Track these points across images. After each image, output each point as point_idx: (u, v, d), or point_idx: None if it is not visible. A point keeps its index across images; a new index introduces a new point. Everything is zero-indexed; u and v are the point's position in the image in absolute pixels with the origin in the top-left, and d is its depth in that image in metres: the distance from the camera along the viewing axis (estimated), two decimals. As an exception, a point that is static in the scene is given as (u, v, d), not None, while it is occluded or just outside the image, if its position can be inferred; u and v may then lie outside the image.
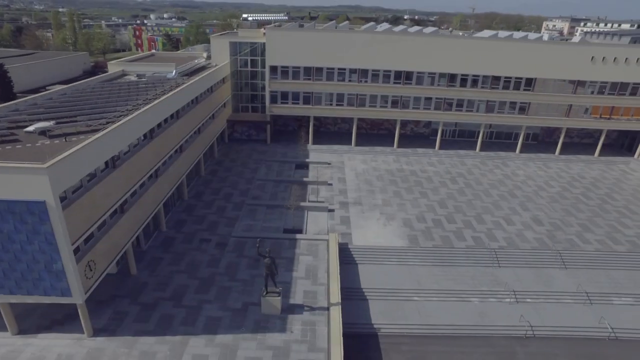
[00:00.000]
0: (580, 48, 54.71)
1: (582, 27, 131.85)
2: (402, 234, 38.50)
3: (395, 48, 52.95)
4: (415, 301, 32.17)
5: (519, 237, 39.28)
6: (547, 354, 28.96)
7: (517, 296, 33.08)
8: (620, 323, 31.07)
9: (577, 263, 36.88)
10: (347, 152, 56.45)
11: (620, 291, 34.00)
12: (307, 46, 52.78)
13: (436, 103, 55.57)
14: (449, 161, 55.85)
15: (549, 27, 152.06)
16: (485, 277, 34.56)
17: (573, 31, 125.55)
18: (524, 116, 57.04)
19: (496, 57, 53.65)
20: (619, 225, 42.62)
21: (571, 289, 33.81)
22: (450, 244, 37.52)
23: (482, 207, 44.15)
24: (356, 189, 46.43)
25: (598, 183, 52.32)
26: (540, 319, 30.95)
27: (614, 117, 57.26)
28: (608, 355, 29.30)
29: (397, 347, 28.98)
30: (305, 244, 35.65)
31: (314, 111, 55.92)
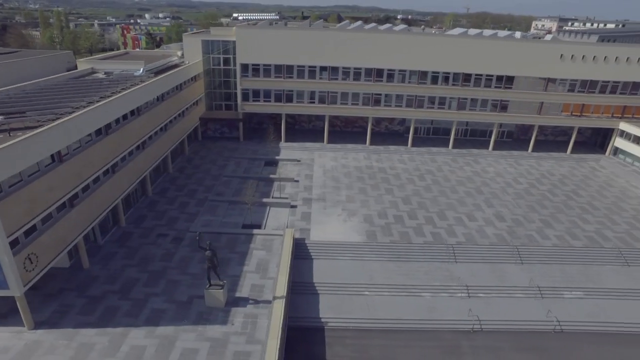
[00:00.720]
0: (549, 46, 54.87)
1: (569, 26, 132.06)
2: (361, 229, 38.77)
3: (366, 46, 53.21)
4: (365, 296, 32.43)
5: (479, 233, 39.52)
6: (491, 347, 29.24)
7: (470, 291, 33.32)
8: (567, 316, 31.38)
9: (533, 258, 37.11)
10: (319, 150, 56.76)
11: (571, 285, 34.20)
12: (278, 44, 52.98)
13: (407, 100, 55.84)
14: (420, 158, 56.19)
15: (537, 26, 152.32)
16: (440, 273, 34.80)
17: (561, 30, 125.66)
18: (495, 113, 57.28)
19: (466, 54, 53.88)
20: (580, 221, 42.85)
21: (524, 284, 34.13)
22: (408, 239, 37.70)
23: (446, 204, 44.40)
24: (322, 186, 46.70)
25: (566, 180, 52.58)
26: (490, 314, 31.18)
27: (585, 114, 57.68)
28: (550, 347, 29.59)
29: (342, 341, 29.25)
30: (261, 239, 35.96)
31: (285, 109, 56.23)
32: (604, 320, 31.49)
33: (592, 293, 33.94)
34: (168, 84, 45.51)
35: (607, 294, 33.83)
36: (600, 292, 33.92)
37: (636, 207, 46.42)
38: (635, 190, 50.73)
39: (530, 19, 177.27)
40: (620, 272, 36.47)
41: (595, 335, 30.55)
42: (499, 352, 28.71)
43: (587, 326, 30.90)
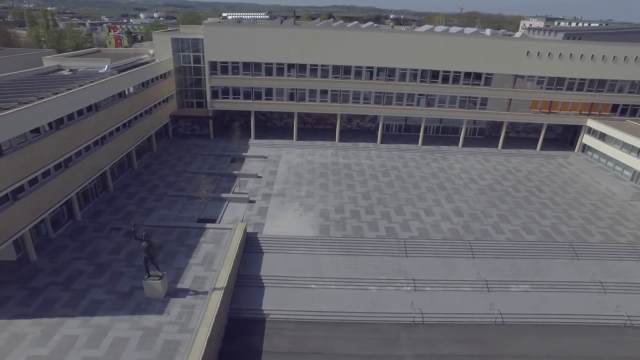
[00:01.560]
0: (515, 43, 55.14)
1: (556, 25, 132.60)
2: (315, 224, 38.98)
3: (333, 43, 53.53)
4: (311, 289, 32.72)
5: (434, 227, 39.76)
6: (429, 340, 29.49)
7: (416, 285, 33.59)
8: (510, 309, 31.60)
9: (485, 253, 37.33)
10: (287, 147, 57.13)
11: (519, 279, 34.43)
12: (245, 42, 53.22)
13: (376, 97, 56.20)
14: (387, 155, 56.49)
15: (525, 25, 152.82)
16: (389, 267, 35.07)
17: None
18: (464, 110, 57.57)
19: (433, 52, 54.16)
20: (538, 216, 43.11)
21: (472, 278, 34.46)
22: (361, 234, 38.05)
23: (406, 199, 44.69)
24: (284, 182, 47.03)
25: (531, 176, 52.77)
26: (433, 307, 31.47)
27: (554, 111, 57.90)
28: (489, 339, 29.79)
29: (281, 332, 29.55)
30: (212, 232, 36.23)
31: (254, 106, 56.53)
32: (546, 312, 31.77)
33: (539, 286, 34.22)
34: (130, 81, 45.84)
35: (553, 287, 34.14)
36: (547, 285, 34.23)
37: (595, 202, 46.73)
38: (597, 186, 51.03)
39: (520, 19, 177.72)
40: (569, 265, 36.74)
41: (536, 327, 30.85)
42: (436, 344, 28.97)
43: (528, 318, 31.20)
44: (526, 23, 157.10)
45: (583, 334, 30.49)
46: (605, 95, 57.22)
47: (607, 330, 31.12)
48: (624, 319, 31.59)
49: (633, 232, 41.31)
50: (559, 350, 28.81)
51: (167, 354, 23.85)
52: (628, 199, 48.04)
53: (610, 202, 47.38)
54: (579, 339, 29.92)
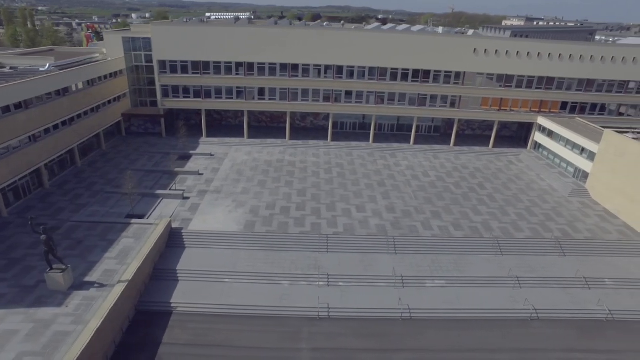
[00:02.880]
0: (461, 40, 55.45)
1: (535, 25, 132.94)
2: (242, 220, 39.25)
3: (280, 42, 53.77)
4: (224, 283, 33.04)
5: (362, 224, 39.99)
6: (330, 334, 29.64)
7: (330, 280, 33.84)
8: (421, 304, 31.74)
9: (408, 249, 37.51)
10: (237, 145, 57.46)
11: (437, 274, 34.60)
12: (193, 41, 53.57)
13: (325, 95, 56.53)
14: (336, 152, 56.67)
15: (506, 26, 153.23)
16: (307, 262, 35.21)
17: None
18: (414, 107, 57.83)
19: (381, 49, 54.32)
20: (472, 212, 43.21)
21: (389, 273, 34.79)
22: (285, 230, 38.37)
23: (341, 196, 44.88)
24: (223, 179, 47.34)
25: (477, 173, 52.91)
26: (343, 301, 31.64)
27: (504, 108, 58.02)
28: (393, 333, 29.97)
29: (185, 325, 29.80)
30: (136, 228, 36.54)
31: (204, 105, 56.91)
32: (457, 307, 31.93)
33: (456, 281, 34.40)
34: (70, 79, 46.00)
35: (470, 282, 34.26)
36: (464, 280, 34.31)
37: (533, 199, 46.77)
38: (540, 183, 51.09)
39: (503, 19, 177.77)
40: (492, 261, 36.80)
41: (443, 322, 30.93)
42: (337, 338, 29.15)
43: (438, 313, 31.31)
44: (507, 23, 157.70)
45: (489, 327, 30.60)
46: (554, 92, 57.32)
47: (514, 323, 31.23)
48: (529, 313, 31.93)
49: (562, 227, 41.48)
50: (460, 344, 28.93)
51: (52, 345, 24.25)
52: (566, 195, 48.12)
53: (548, 198, 47.49)
54: (484, 333, 30.03)
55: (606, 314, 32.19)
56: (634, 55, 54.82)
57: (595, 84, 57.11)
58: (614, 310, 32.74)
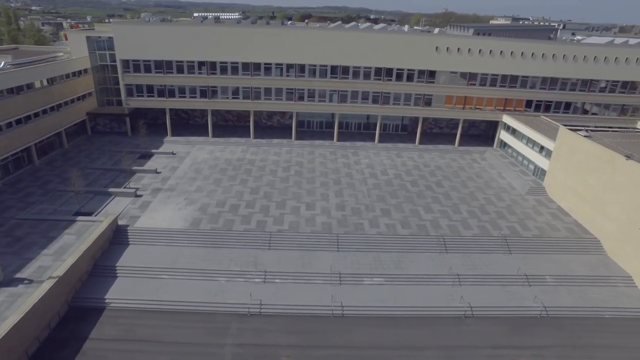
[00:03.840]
0: (424, 38, 55.43)
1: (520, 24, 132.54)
2: (189, 217, 39.39)
3: (242, 40, 53.87)
4: (162, 279, 33.17)
5: (308, 221, 39.98)
6: (258, 330, 29.68)
7: (267, 277, 33.95)
8: (356, 301, 31.73)
9: (351, 246, 37.54)
10: (201, 143, 57.73)
11: (376, 272, 34.57)
12: (155, 40, 53.80)
13: (287, 94, 56.71)
14: (298, 151, 56.82)
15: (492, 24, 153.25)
16: (245, 259, 35.22)
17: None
18: (377, 106, 57.83)
19: (343, 48, 54.32)
20: (424, 210, 43.13)
21: (327, 270, 34.60)
22: (230, 227, 38.49)
23: (294, 194, 44.99)
24: (180, 177, 47.50)
25: (437, 171, 52.82)
26: (277, 298, 31.65)
27: (468, 106, 57.93)
28: (323, 330, 29.93)
29: (115, 320, 30.00)
30: (80, 225, 36.70)
31: (168, 104, 57.20)
32: (391, 305, 31.87)
33: (395, 279, 34.42)
34: (24, 78, 46.15)
35: (409, 280, 34.17)
36: (403, 278, 34.23)
37: (489, 197, 46.60)
38: (500, 181, 50.90)
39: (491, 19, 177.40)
40: (435, 259, 36.77)
41: (375, 319, 30.86)
42: (264, 334, 29.21)
43: (371, 310, 31.24)
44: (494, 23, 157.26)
45: (420, 325, 30.54)
46: (519, 91, 57.19)
47: (447, 321, 31.15)
48: (464, 310, 31.87)
49: (512, 225, 41.35)
50: (387, 341, 28.85)
51: (-32, 341, 24.76)
52: (523, 193, 47.98)
53: (505, 196, 47.31)
54: (414, 330, 29.98)
55: (540, 311, 32.24)
56: (594, 54, 54.79)
57: (559, 82, 56.97)
58: (549, 307, 32.67)
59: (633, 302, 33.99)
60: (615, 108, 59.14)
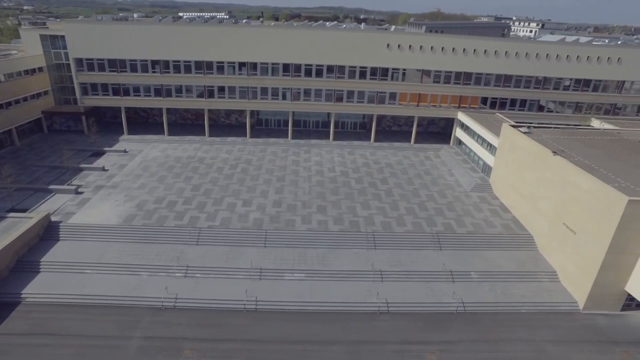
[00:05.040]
0: (375, 36, 55.31)
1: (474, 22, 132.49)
2: (124, 214, 39.69)
3: (194, 39, 54.03)
4: (85, 274, 33.44)
5: (241, 217, 40.15)
6: (169, 323, 29.73)
7: (189, 271, 34.00)
8: (271, 296, 31.69)
9: (279, 242, 37.63)
10: (156, 142, 58.06)
11: (299, 268, 34.56)
12: (107, 38, 54.05)
13: (241, 92, 56.90)
14: (251, 149, 56.91)
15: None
16: (171, 254, 35.32)
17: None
18: (330, 104, 57.91)
19: (294, 45, 54.41)
20: (361, 206, 43.13)
21: (248, 266, 34.61)
22: (162, 223, 38.74)
23: (234, 191, 45.16)
24: (126, 174, 47.82)
25: (386, 169, 52.79)
26: (195, 292, 31.77)
27: (423, 104, 57.85)
28: (232, 324, 30.04)
29: (27, 315, 30.22)
30: (10, 221, 36.97)
31: (123, 102, 57.58)
32: (307, 300, 31.94)
33: (316, 275, 34.38)
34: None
35: (330, 276, 34.16)
36: (325, 274, 34.26)
37: (432, 194, 46.51)
38: (448, 178, 50.76)
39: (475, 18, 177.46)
40: (362, 255, 36.68)
41: (288, 314, 30.95)
42: (174, 327, 29.37)
43: (285, 305, 31.31)
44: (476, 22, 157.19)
45: (333, 320, 30.60)
46: (473, 88, 57.03)
47: (361, 316, 31.19)
48: (378, 306, 31.93)
49: (448, 222, 41.32)
50: (295, 335, 28.86)
51: None
52: (469, 190, 47.95)
53: (449, 193, 47.26)
54: (325, 325, 30.03)
55: (456, 306, 32.28)
56: (547, 51, 54.59)
57: (513, 79, 56.85)
58: (467, 303, 32.69)
59: (552, 297, 34.07)
60: (570, 105, 59.15)
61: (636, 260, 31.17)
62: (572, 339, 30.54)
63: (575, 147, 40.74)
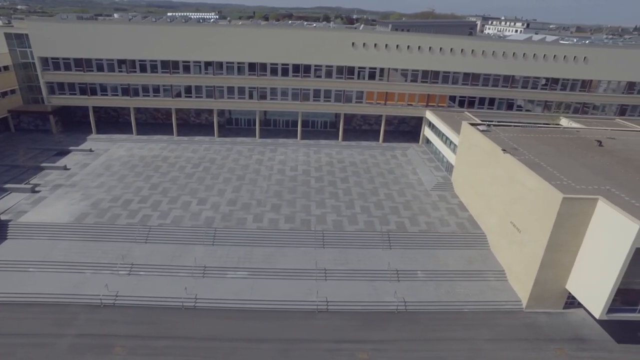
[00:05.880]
0: (340, 34, 55.28)
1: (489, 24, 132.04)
2: (78, 212, 39.72)
3: (158, 39, 54.08)
4: (28, 272, 33.23)
5: (194, 216, 40.14)
6: (105, 320, 29.76)
7: (133, 269, 33.92)
8: (211, 294, 31.53)
9: (227, 240, 37.49)
10: (124, 141, 58.16)
11: (243, 266, 34.37)
12: (73, 37, 54.09)
13: (207, 91, 56.94)
14: (217, 148, 56.94)
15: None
16: (119, 252, 35.16)
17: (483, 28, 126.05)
18: (297, 102, 57.81)
19: (258, 44, 54.09)
20: (316, 205, 42.72)
21: (192, 264, 34.38)
22: (114, 221, 38.74)
23: (192, 189, 45.15)
24: (87, 173, 47.89)
25: (350, 167, 52.55)
26: (134, 290, 31.68)
27: (390, 102, 57.69)
28: (167, 321, 29.95)
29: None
30: (-44, 220, 37.87)
31: (90, 102, 57.71)
32: (246, 298, 31.64)
33: (259, 273, 34.02)
34: None
35: (274, 274, 33.83)
36: (269, 272, 33.96)
37: (391, 192, 46.33)
38: (411, 177, 50.54)
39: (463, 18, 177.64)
40: (310, 254, 36.32)
41: (226, 312, 30.83)
42: (109, 325, 29.31)
43: (223, 303, 31.11)
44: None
45: (274, 319, 30.46)
46: (440, 86, 56.86)
47: (300, 315, 31.03)
48: (316, 305, 31.74)
49: (402, 220, 41.13)
50: (228, 333, 28.73)
51: None
52: (429, 188, 47.74)
53: (408, 192, 47.06)
54: (261, 323, 29.83)
55: (396, 306, 31.91)
56: (513, 50, 54.28)
57: (481, 78, 56.70)
58: (410, 302, 32.52)
59: (497, 296, 33.77)
60: (540, 104, 58.86)
61: (574, 259, 31.26)
62: (510, 337, 30.40)
63: (529, 145, 40.53)
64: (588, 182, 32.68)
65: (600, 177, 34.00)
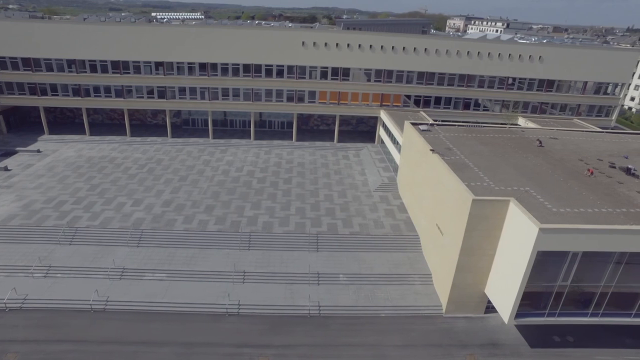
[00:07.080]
0: (289, 33, 54.67)
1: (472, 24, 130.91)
2: (5, 214, 39.00)
3: (106, 38, 53.50)
4: (-58, 274, 33.72)
5: (125, 217, 39.57)
6: (4, 325, 29.11)
7: (50, 272, 33.09)
8: (122, 297, 30.96)
9: (152, 242, 36.90)
10: (76, 142, 57.76)
11: (162, 268, 33.68)
12: (19, 36, 53.56)
13: (159, 92, 56.48)
14: (167, 149, 56.32)
15: (450, 25, 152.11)
16: (38, 254, 34.60)
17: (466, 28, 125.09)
18: (249, 102, 57.12)
19: (209, 44, 53.50)
20: (251, 206, 42.03)
21: (110, 266, 33.94)
22: (40, 223, 38.17)
23: (130, 190, 44.64)
24: (29, 175, 47.39)
25: (296, 168, 51.77)
26: (45, 293, 31.11)
27: (343, 102, 56.86)
28: (71, 325, 29.41)
29: None
30: None
31: (41, 102, 57.30)
32: (157, 301, 31.03)
33: (177, 275, 33.29)
34: None
35: (191, 276, 33.08)
36: (186, 274, 33.31)
37: (332, 194, 45.45)
38: (357, 178, 49.75)
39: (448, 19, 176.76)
40: (233, 255, 35.52)
41: (134, 314, 30.26)
42: (7, 330, 28.58)
43: (134, 306, 30.54)
44: (450, 22, 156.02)
45: (178, 321, 29.71)
46: (394, 86, 55.95)
47: (209, 318, 30.47)
48: (226, 308, 31.07)
49: (335, 222, 40.36)
50: (127, 336, 28.19)
51: None
52: (373, 189, 46.88)
53: (350, 193, 46.24)
54: (169, 326, 29.18)
55: (309, 309, 31.17)
56: (467, 49, 53.33)
57: (435, 77, 55.77)
58: (324, 306, 31.75)
59: (418, 300, 32.98)
60: (497, 103, 57.78)
61: (492, 263, 30.39)
62: (422, 343, 29.57)
63: (465, 145, 39.59)
64: (509, 184, 31.86)
65: (525, 178, 33.10)
